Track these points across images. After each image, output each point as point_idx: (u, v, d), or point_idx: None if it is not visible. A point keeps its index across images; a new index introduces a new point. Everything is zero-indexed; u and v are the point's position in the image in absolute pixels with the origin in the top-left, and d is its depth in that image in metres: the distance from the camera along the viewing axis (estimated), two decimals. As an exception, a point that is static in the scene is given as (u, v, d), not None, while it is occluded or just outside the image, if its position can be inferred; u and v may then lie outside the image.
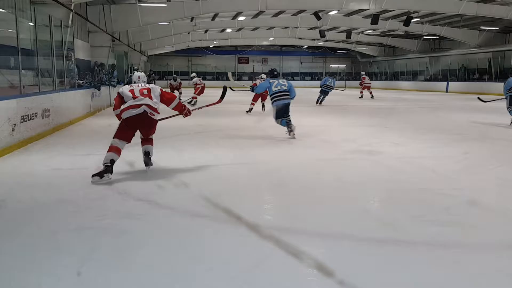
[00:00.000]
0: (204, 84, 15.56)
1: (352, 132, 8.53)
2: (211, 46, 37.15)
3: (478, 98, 12.70)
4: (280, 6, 18.64)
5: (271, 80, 7.59)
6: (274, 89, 7.39)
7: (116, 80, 15.74)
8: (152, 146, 4.92)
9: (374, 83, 36.19)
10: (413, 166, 5.26)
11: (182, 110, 4.94)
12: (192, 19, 21.73)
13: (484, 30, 24.86)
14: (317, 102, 15.60)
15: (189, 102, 13.75)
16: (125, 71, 20.55)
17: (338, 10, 19.83)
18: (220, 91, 5.93)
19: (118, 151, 4.46)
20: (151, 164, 4.84)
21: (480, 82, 27.26)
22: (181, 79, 17.97)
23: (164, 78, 38.34)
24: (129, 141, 4.63)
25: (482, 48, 25.84)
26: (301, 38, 31.74)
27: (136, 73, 5.04)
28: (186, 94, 16.60)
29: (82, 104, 10.70)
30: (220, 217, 3.27)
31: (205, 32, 29.04)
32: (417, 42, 32.08)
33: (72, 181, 4.40)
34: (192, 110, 5.13)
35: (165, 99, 4.76)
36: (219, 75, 40.75)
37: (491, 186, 4.34)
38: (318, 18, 20.44)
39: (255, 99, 12.34)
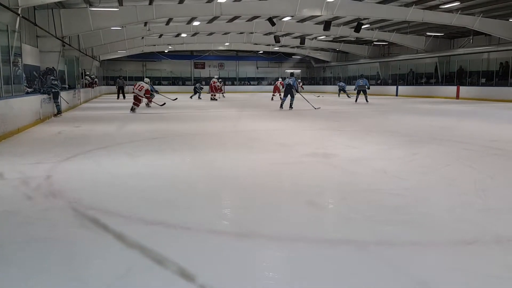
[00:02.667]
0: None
1: (306, 135, 8.69)
2: (166, 51, 36.74)
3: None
4: (235, 12, 18.72)
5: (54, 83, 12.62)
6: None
7: (57, 84, 13.28)
8: (137, 107, 14.46)
9: (329, 88, 37.21)
10: (366, 167, 5.42)
11: (149, 98, 15.73)
12: (145, 23, 21.41)
13: (430, 36, 26.03)
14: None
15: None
16: (76, 76, 19.93)
17: (292, 16, 20.18)
18: (174, 96, 5.91)
19: (137, 105, 14.42)
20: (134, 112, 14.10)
21: (427, 85, 28.54)
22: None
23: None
24: (136, 105, 14.44)
25: (429, 53, 27.05)
26: (256, 44, 32.01)
27: (146, 79, 16.06)
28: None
29: (31, 111, 10.28)
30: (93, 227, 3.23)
31: (159, 37, 28.68)
32: (367, 47, 33.12)
33: (21, 191, 4.22)
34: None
35: (144, 91, 14.45)
36: (175, 80, 40.35)
37: (439, 186, 4.53)
38: (273, 24, 20.69)
39: (274, 91, 23.06)
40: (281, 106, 16.03)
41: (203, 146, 7.33)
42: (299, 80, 28.83)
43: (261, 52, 39.30)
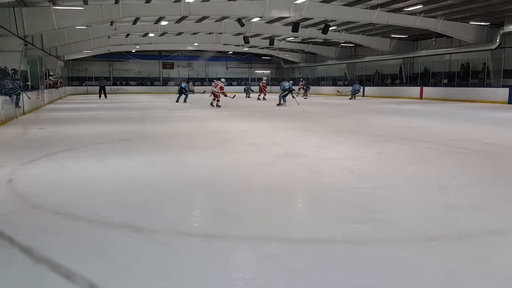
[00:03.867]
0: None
1: (277, 136, 8.74)
2: (133, 51, 36.14)
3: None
4: (203, 12, 18.63)
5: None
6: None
7: (14, 88, 12.34)
8: (215, 102, 17.54)
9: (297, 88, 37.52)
10: (334, 167, 5.52)
11: (223, 93, 17.65)
12: (111, 23, 21.00)
13: (395, 38, 26.67)
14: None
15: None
16: (39, 76, 19.34)
17: (261, 17, 20.25)
18: (143, 96, 5.84)
19: (214, 100, 17.65)
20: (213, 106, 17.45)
21: (392, 86, 29.23)
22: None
23: (83, 84, 36.76)
24: (214, 100, 17.65)
25: (394, 54, 27.70)
26: (226, 44, 31.91)
27: (222, 78, 20.26)
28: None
29: (-9, 113, 9.92)
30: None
31: (126, 37, 28.18)
32: (335, 49, 33.61)
33: (-20, 196, 4.07)
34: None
35: (219, 89, 17.50)
36: (143, 80, 39.75)
37: (403, 184, 4.66)
38: (242, 24, 20.71)
39: (260, 91, 24.98)
40: (279, 103, 18.91)
41: (172, 147, 7.26)
42: (305, 82, 33.31)
43: (230, 52, 39.25)
